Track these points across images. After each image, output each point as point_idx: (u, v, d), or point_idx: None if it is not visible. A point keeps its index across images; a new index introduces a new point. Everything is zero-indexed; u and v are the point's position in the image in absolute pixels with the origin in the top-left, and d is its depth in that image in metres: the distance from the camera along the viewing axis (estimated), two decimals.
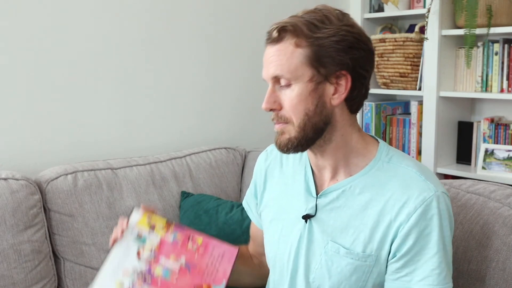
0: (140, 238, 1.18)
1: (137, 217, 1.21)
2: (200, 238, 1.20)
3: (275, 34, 1.06)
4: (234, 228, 1.79)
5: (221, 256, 1.19)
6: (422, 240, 1.03)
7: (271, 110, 1.09)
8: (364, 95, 1.12)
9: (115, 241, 1.18)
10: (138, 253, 1.17)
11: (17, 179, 1.64)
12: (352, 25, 1.07)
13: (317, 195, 1.14)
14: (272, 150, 1.30)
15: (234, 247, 1.20)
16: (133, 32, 2.05)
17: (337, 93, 1.07)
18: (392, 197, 1.05)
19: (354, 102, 1.10)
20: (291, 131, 1.08)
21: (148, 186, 1.83)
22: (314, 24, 1.04)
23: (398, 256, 1.05)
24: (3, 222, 1.57)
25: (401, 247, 1.05)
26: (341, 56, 1.05)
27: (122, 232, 1.19)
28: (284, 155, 1.24)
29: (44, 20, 1.85)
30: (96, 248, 1.71)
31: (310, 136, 1.07)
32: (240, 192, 2.09)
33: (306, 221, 1.14)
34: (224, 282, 1.16)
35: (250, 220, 1.79)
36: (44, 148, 1.88)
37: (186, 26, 2.20)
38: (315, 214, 1.13)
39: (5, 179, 1.62)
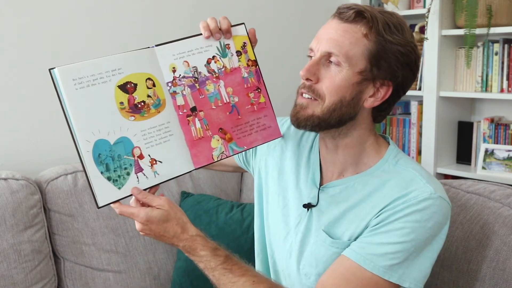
0: (224, 51, 1.11)
1: (240, 32, 1.13)
2: (264, 99, 1.14)
3: (350, 14, 1.04)
4: (234, 228, 1.79)
5: (264, 128, 1.14)
6: (394, 224, 1.02)
7: (307, 79, 1.06)
8: (389, 112, 1.13)
9: (204, 29, 1.09)
10: (209, 60, 1.09)
11: (17, 179, 1.64)
12: (417, 45, 1.09)
13: (320, 186, 1.15)
14: None
15: (279, 133, 1.16)
16: (131, 34, 2.05)
17: (373, 97, 1.08)
18: (388, 194, 1.06)
19: (379, 114, 1.12)
20: (317, 109, 1.06)
21: None
22: (389, 26, 1.04)
23: (369, 228, 1.05)
24: (3, 222, 1.57)
25: (374, 221, 1.05)
26: (398, 68, 1.05)
27: (214, 30, 1.09)
28: (306, 135, 1.23)
29: (44, 21, 1.85)
30: (96, 248, 1.71)
31: (332, 123, 1.07)
32: (240, 192, 2.09)
33: (307, 210, 1.14)
34: (244, 148, 1.12)
35: (250, 220, 1.80)
36: (44, 148, 1.88)
37: (175, 28, 2.20)
38: (316, 204, 1.13)
39: (5, 179, 1.62)
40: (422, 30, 2.47)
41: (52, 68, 0.95)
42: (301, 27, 2.56)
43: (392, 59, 1.05)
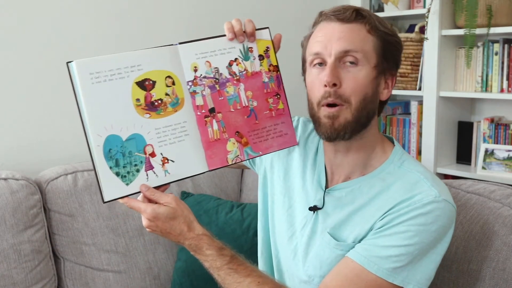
0: (246, 54, 1.10)
1: (264, 36, 1.12)
2: (282, 106, 1.13)
3: (349, 14, 1.05)
4: (234, 228, 1.79)
5: (280, 135, 1.13)
6: (399, 227, 1.02)
7: (333, 85, 1.04)
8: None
9: (228, 31, 1.09)
10: (231, 62, 1.08)
11: (17, 179, 1.64)
12: None
13: (326, 188, 1.15)
14: (306, 123, 1.26)
15: (295, 141, 1.15)
16: (132, 32, 2.05)
17: (386, 89, 1.11)
18: (393, 196, 1.06)
19: (383, 106, 1.14)
20: (347, 114, 1.05)
21: None
22: (379, 20, 1.08)
23: (373, 230, 1.05)
24: (3, 222, 1.57)
25: (378, 224, 1.05)
26: (397, 57, 1.11)
27: (238, 32, 1.09)
28: (312, 136, 1.22)
29: (43, 21, 1.85)
30: (96, 248, 1.71)
31: (363, 121, 1.07)
32: (240, 192, 2.09)
33: (313, 212, 1.14)
34: (259, 153, 1.11)
35: (250, 220, 1.80)
36: (44, 148, 1.88)
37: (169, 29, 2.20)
38: (322, 207, 1.13)
39: (5, 179, 1.62)
40: (422, 30, 2.46)
41: (70, 62, 0.94)
42: (300, 27, 2.56)
43: (393, 50, 1.09)
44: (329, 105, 1.05)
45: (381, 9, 2.73)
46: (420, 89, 2.54)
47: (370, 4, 2.74)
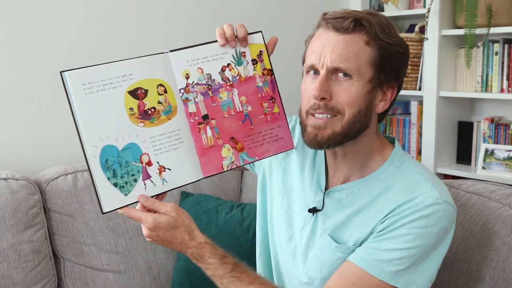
0: (239, 59, 1.09)
1: (256, 41, 1.10)
2: (278, 109, 1.12)
3: (348, 23, 1.01)
4: (234, 228, 1.79)
5: (276, 139, 1.13)
6: (400, 230, 1.02)
7: (322, 99, 1.03)
8: (390, 109, 1.13)
9: (220, 37, 1.07)
10: (224, 68, 1.07)
11: (17, 179, 1.64)
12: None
13: (326, 190, 1.14)
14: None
15: (291, 144, 1.14)
16: (133, 33, 2.05)
17: (383, 101, 1.08)
18: (393, 198, 1.05)
19: (384, 115, 1.12)
20: (336, 126, 1.04)
21: None
22: (383, 28, 1.03)
23: (375, 234, 1.05)
24: (3, 222, 1.57)
25: (379, 227, 1.04)
26: (400, 68, 1.06)
27: (230, 37, 1.07)
28: None
29: (43, 22, 1.85)
30: (96, 248, 1.71)
31: (352, 135, 1.06)
32: (240, 192, 2.09)
33: (313, 214, 1.14)
34: (255, 159, 1.10)
35: (250, 220, 1.80)
36: (44, 148, 1.88)
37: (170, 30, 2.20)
38: (322, 209, 1.13)
39: (5, 179, 1.62)
40: (422, 30, 2.46)
41: (63, 71, 0.95)
42: (296, 31, 2.56)
43: (394, 61, 1.05)
44: (317, 116, 1.05)
45: (381, 9, 2.73)
46: (420, 89, 2.54)
47: (370, 4, 2.74)
